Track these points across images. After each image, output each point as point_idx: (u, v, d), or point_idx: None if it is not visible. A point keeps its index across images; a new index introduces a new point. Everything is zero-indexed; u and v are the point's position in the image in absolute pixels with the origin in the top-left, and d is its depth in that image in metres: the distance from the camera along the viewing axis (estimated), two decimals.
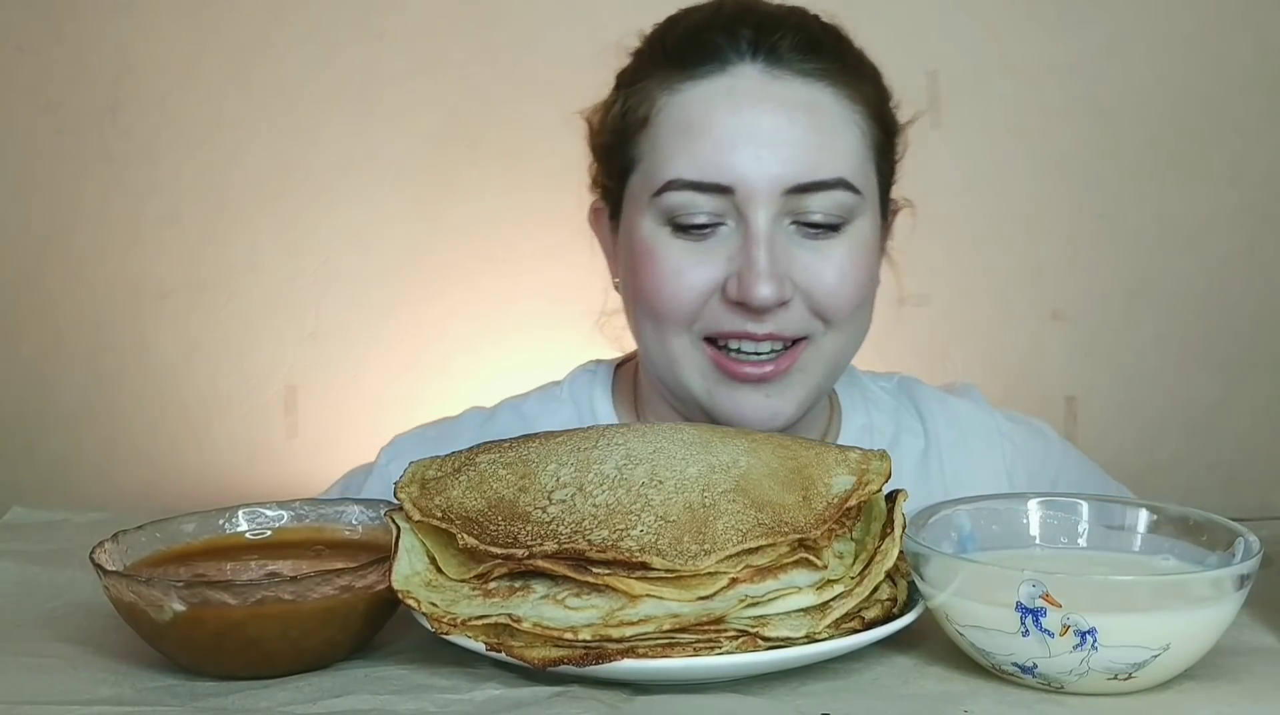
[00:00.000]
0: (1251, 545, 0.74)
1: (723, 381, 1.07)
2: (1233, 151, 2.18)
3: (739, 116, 1.04)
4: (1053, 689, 0.72)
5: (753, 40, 1.05)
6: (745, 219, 1.03)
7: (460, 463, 0.82)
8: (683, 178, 1.04)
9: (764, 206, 1.03)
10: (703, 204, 1.04)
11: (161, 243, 2.28)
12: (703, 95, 1.05)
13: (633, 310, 1.11)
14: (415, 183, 2.24)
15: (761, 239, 1.03)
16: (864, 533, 0.78)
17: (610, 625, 0.71)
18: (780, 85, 1.05)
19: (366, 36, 2.23)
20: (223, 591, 0.73)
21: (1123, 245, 2.20)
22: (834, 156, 1.05)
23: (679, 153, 1.04)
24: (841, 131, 1.06)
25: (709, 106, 1.04)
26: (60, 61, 2.25)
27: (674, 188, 1.04)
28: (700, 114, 1.05)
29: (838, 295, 1.06)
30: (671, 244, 1.06)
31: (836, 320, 1.07)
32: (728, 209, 1.04)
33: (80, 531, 1.00)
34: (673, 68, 1.07)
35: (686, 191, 1.04)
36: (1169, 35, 2.17)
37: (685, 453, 0.79)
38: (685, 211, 1.04)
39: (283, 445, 2.29)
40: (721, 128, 1.04)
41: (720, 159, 1.03)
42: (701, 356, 1.07)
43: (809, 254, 1.05)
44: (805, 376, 1.08)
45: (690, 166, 1.04)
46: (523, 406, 1.23)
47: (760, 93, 1.04)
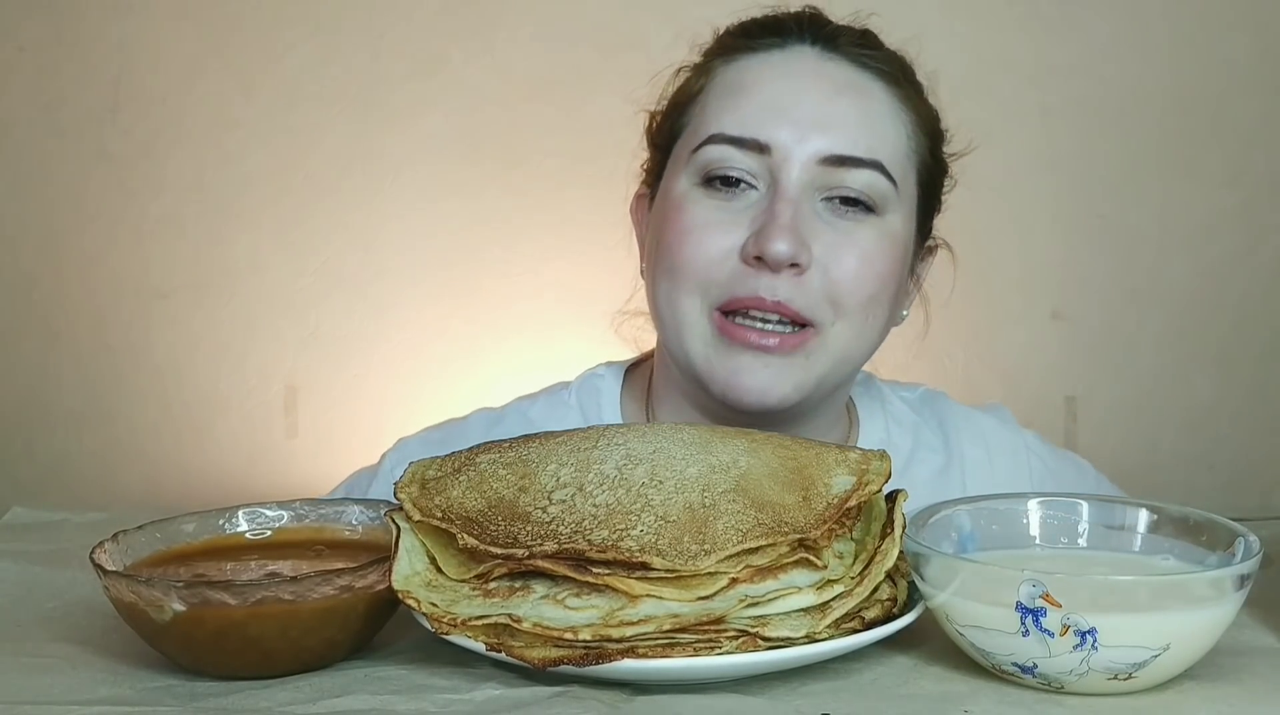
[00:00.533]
0: (1251, 545, 0.74)
1: (724, 348, 1.06)
2: (1233, 151, 2.18)
3: (788, 83, 1.07)
4: (1053, 689, 0.72)
5: (812, 28, 1.09)
6: (777, 181, 1.05)
7: (460, 463, 0.82)
8: (724, 132, 1.06)
9: (797, 172, 1.04)
10: (739, 160, 1.05)
11: (162, 243, 2.28)
12: (757, 62, 1.09)
13: (652, 271, 1.11)
14: (415, 183, 2.24)
15: (788, 198, 1.04)
16: (864, 533, 0.78)
17: (610, 625, 0.71)
18: (833, 66, 1.08)
19: (366, 36, 2.23)
20: (223, 591, 0.73)
21: (1122, 245, 2.20)
22: (874, 139, 1.07)
23: (725, 110, 1.07)
24: (887, 121, 1.08)
25: (761, 72, 1.08)
26: (61, 61, 2.25)
27: (714, 141, 1.06)
28: (752, 78, 1.08)
29: (855, 278, 1.05)
30: (701, 201, 1.07)
31: (848, 308, 1.06)
32: (762, 171, 1.05)
33: (80, 531, 1.00)
34: (734, 40, 1.11)
35: (725, 145, 1.06)
36: (1169, 35, 2.17)
37: (685, 453, 0.79)
38: (719, 165, 1.06)
39: (283, 445, 2.29)
40: (769, 91, 1.07)
41: (762, 118, 1.06)
42: (708, 323, 1.06)
43: (833, 232, 1.05)
44: (809, 362, 1.06)
45: (733, 122, 1.06)
46: (530, 411, 1.22)
47: (813, 68, 1.08)
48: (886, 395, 1.24)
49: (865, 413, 1.21)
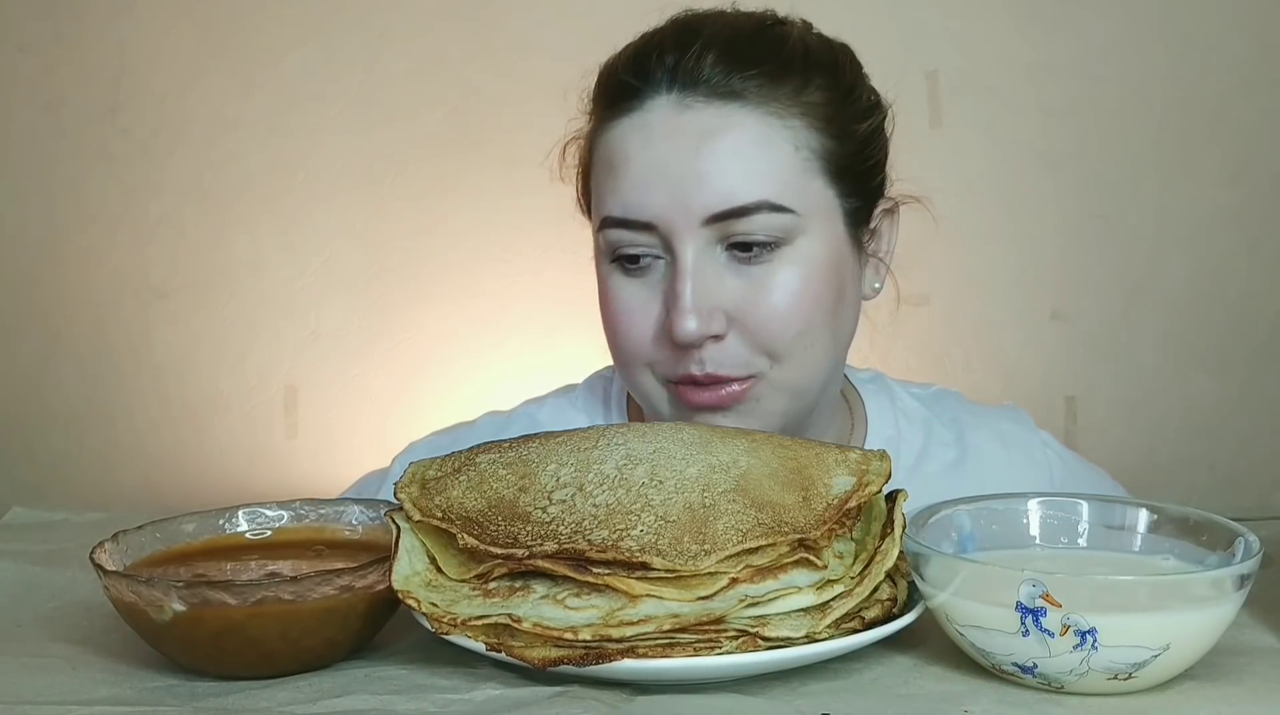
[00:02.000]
0: (1251, 545, 0.74)
1: (688, 411, 1.06)
2: (1233, 151, 2.18)
3: (651, 151, 1.03)
4: (1053, 689, 0.72)
5: (669, 68, 1.04)
6: (673, 253, 1.03)
7: (460, 463, 0.82)
8: (611, 215, 1.05)
9: (688, 239, 1.02)
10: (635, 239, 1.04)
11: (161, 243, 2.28)
12: (621, 133, 1.05)
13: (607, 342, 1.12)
14: (415, 183, 2.24)
15: (687, 272, 1.02)
16: (864, 533, 0.78)
17: (610, 625, 0.71)
18: (692, 115, 1.02)
19: (366, 36, 2.23)
20: (223, 591, 0.73)
21: (1122, 245, 2.20)
22: (753, 180, 1.02)
23: (606, 192, 1.06)
24: (763, 153, 1.03)
25: (625, 144, 1.04)
26: (61, 61, 2.25)
27: (607, 225, 1.05)
28: (619, 152, 1.05)
29: (775, 324, 1.03)
30: (618, 282, 1.07)
31: (780, 352, 1.04)
32: (658, 243, 1.04)
33: (80, 531, 1.00)
34: (605, 106, 1.08)
35: (617, 229, 1.05)
36: (1169, 35, 2.17)
37: (685, 453, 0.79)
38: (620, 246, 1.05)
39: (283, 445, 2.30)
40: (636, 165, 1.03)
41: (638, 196, 1.03)
42: (664, 392, 1.07)
43: (743, 282, 1.03)
44: (764, 406, 1.05)
45: (615, 203, 1.04)
46: (538, 414, 1.22)
47: (671, 125, 1.03)
48: (896, 392, 1.23)
49: (874, 409, 1.21)
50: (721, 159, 1.01)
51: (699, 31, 1.05)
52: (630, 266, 1.05)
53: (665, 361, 1.05)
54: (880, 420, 1.20)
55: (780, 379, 1.05)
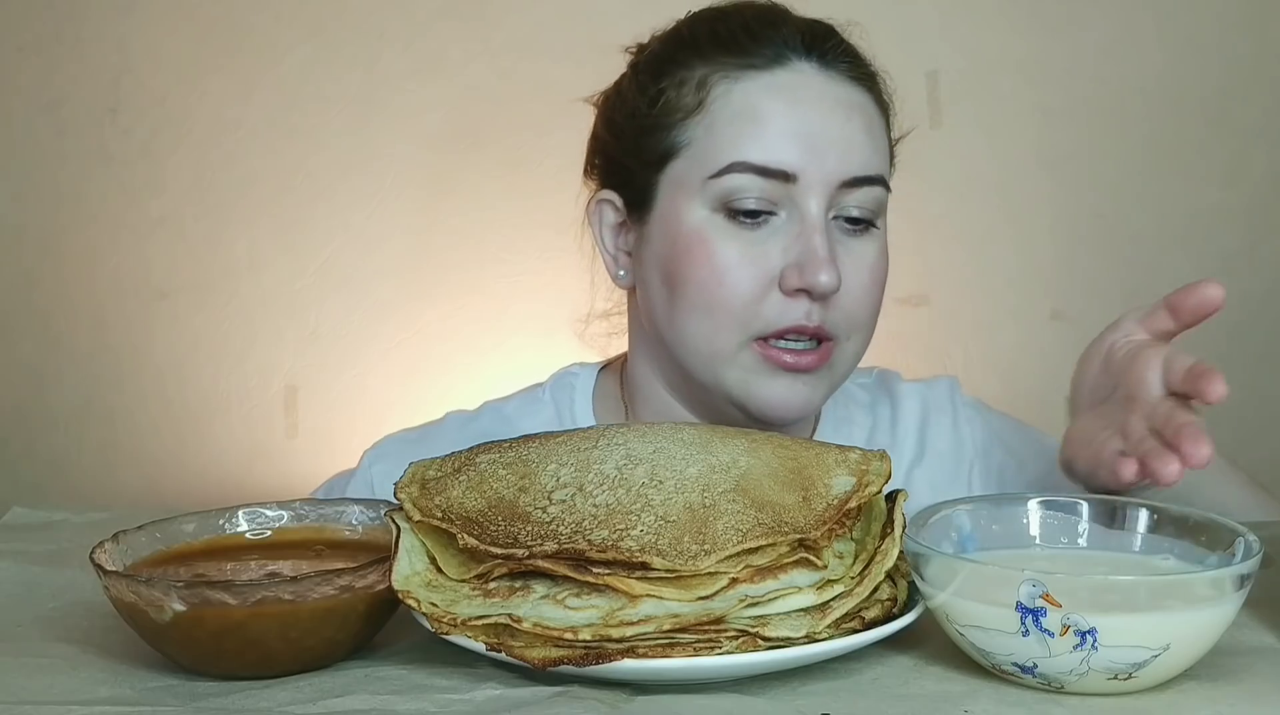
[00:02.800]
0: (1251, 545, 0.74)
1: (765, 372, 1.09)
2: (1233, 151, 2.18)
3: (803, 109, 1.08)
4: (1053, 689, 0.72)
5: (805, 41, 1.10)
6: (801, 209, 1.07)
7: (460, 463, 0.82)
8: (748, 160, 1.06)
9: (819, 197, 1.07)
10: (761, 189, 1.06)
11: (161, 243, 2.28)
12: (765, 85, 1.08)
13: (674, 303, 1.10)
14: (415, 183, 2.24)
15: (820, 228, 1.07)
16: (864, 533, 0.78)
17: (610, 625, 0.71)
18: (835, 85, 1.10)
19: (366, 36, 2.23)
20: (223, 591, 0.73)
21: (1122, 245, 2.21)
22: (877, 155, 1.11)
23: (743, 137, 1.07)
24: (880, 132, 1.12)
25: (773, 97, 1.08)
26: (61, 61, 2.25)
27: (737, 169, 1.06)
28: (765, 103, 1.08)
29: (868, 295, 1.11)
30: (726, 233, 1.07)
31: (863, 322, 1.11)
32: (782, 199, 1.07)
33: (80, 531, 1.00)
34: (731, 55, 1.10)
35: (749, 174, 1.06)
36: (1168, 35, 2.17)
37: (685, 453, 0.79)
38: (742, 195, 1.07)
39: (283, 445, 2.30)
40: (786, 118, 1.07)
41: (784, 146, 1.06)
42: (749, 354, 1.09)
43: (847, 253, 1.09)
44: (830, 373, 1.12)
45: (756, 150, 1.06)
46: (504, 408, 1.24)
47: (820, 90, 1.09)
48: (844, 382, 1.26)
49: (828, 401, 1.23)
50: (861, 132, 1.09)
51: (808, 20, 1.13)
52: (745, 219, 1.07)
53: (768, 313, 1.07)
54: (833, 411, 1.23)
55: (850, 349, 1.12)
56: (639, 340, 1.20)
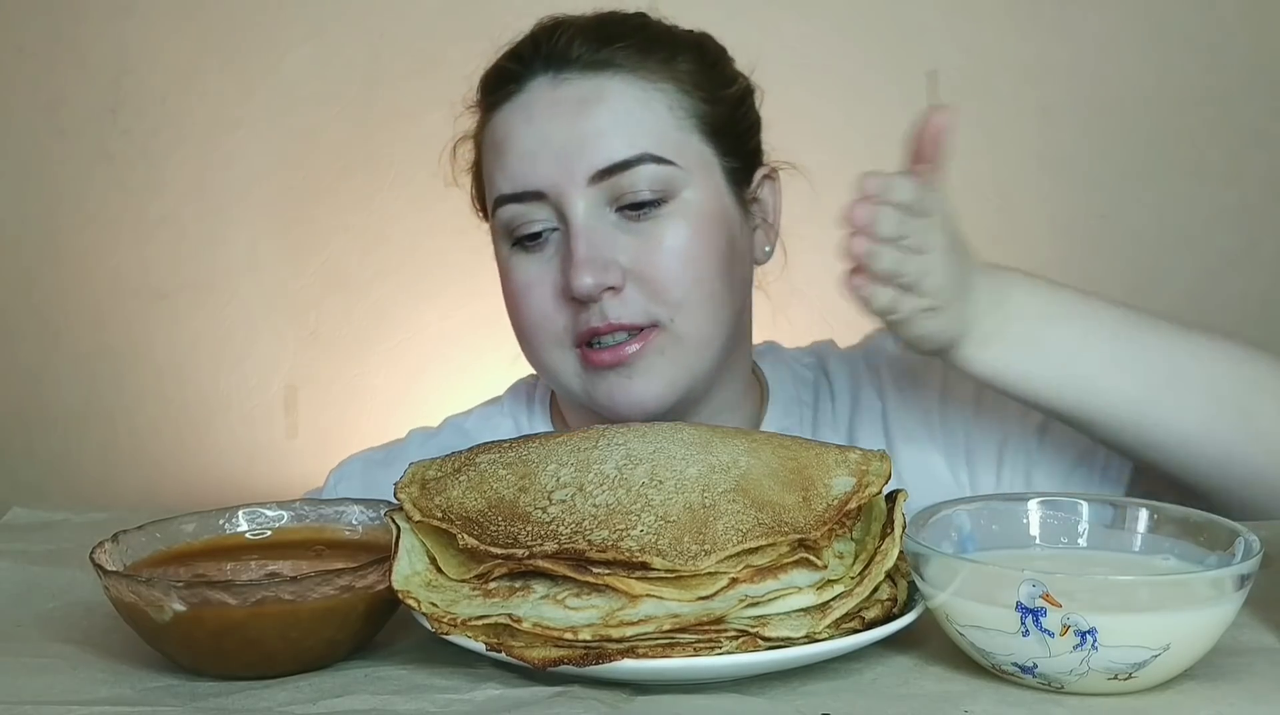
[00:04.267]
0: (1251, 545, 0.74)
1: (593, 374, 1.10)
2: (1233, 151, 2.18)
3: (534, 126, 1.10)
4: (1053, 689, 0.72)
5: (542, 52, 1.12)
6: (564, 216, 1.08)
7: (460, 463, 0.82)
8: (502, 192, 1.11)
9: (578, 199, 1.08)
10: (528, 212, 1.10)
11: (161, 243, 2.28)
12: (505, 117, 1.12)
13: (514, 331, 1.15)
14: (415, 183, 2.23)
15: (579, 231, 1.07)
16: (864, 533, 0.78)
17: (610, 625, 0.71)
18: (568, 87, 1.10)
19: (367, 36, 2.23)
20: (223, 591, 0.73)
21: (1122, 245, 2.20)
22: (633, 136, 1.08)
23: (496, 171, 1.12)
24: (639, 112, 1.09)
25: (510, 124, 1.11)
26: (61, 62, 2.25)
27: (500, 203, 1.11)
28: (504, 133, 1.11)
29: (671, 273, 1.08)
30: (518, 261, 1.11)
31: (678, 299, 1.08)
32: (551, 214, 1.09)
33: (80, 531, 1.00)
34: (486, 94, 1.16)
35: (509, 205, 1.10)
36: (1169, 35, 2.17)
37: (685, 453, 0.79)
38: (516, 223, 1.10)
39: (283, 445, 2.30)
40: (521, 140, 1.10)
41: (525, 167, 1.09)
42: (573, 360, 1.11)
43: (635, 238, 1.08)
44: (666, 360, 1.09)
45: (505, 181, 1.10)
46: (464, 423, 1.26)
47: (549, 99, 1.10)
48: (788, 359, 1.27)
49: (774, 380, 1.24)
50: (600, 120, 1.08)
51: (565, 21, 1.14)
52: (529, 244, 1.10)
53: (568, 325, 1.09)
54: (780, 387, 1.23)
55: (682, 328, 1.09)
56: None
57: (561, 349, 1.11)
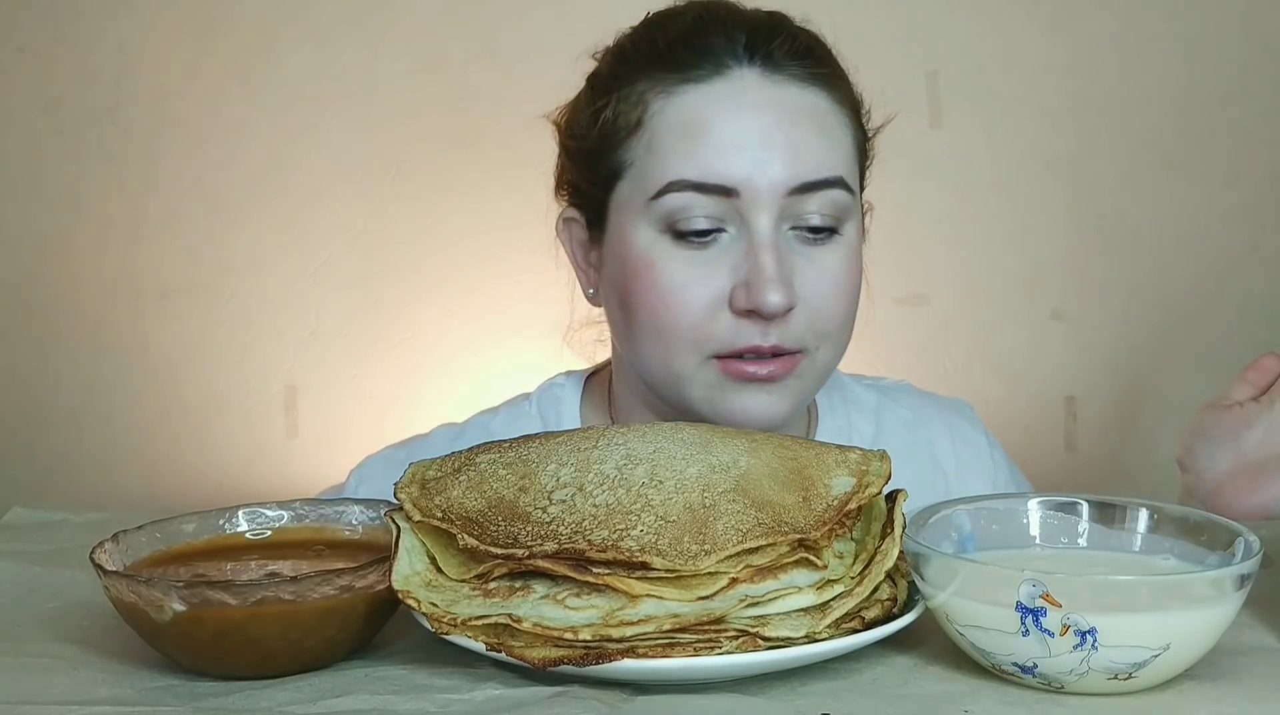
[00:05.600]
0: (1251, 545, 0.74)
1: (728, 387, 1.06)
2: (1233, 151, 2.18)
3: (742, 119, 1.03)
4: (1053, 689, 0.72)
5: (749, 45, 1.05)
6: (748, 224, 1.03)
7: (460, 463, 0.82)
8: (686, 178, 1.03)
9: (767, 210, 1.03)
10: (705, 207, 1.03)
11: (161, 243, 2.28)
12: (703, 98, 1.04)
13: (629, 325, 1.09)
14: (415, 183, 2.24)
15: (768, 244, 1.02)
16: (864, 533, 0.78)
17: (610, 625, 0.71)
18: (780, 90, 1.05)
19: (366, 36, 2.23)
20: (223, 591, 0.73)
21: (1122, 245, 2.20)
22: (832, 157, 1.05)
23: (680, 154, 1.03)
24: (838, 133, 1.07)
25: (710, 109, 1.04)
26: (61, 62, 2.25)
27: (675, 188, 1.03)
28: (701, 116, 1.03)
29: (834, 306, 1.06)
30: (673, 254, 1.04)
31: (830, 332, 1.07)
32: (729, 214, 1.03)
33: (80, 531, 1.00)
34: (667, 70, 1.06)
35: (689, 192, 1.03)
36: (1169, 35, 2.17)
37: (685, 453, 0.79)
38: (686, 215, 1.03)
39: (283, 445, 2.29)
40: (724, 130, 1.03)
41: (724, 160, 1.02)
42: (709, 371, 1.06)
43: (806, 262, 1.05)
44: (800, 382, 1.08)
45: (693, 167, 1.03)
46: (491, 423, 1.22)
47: (761, 97, 1.04)
48: (846, 384, 1.25)
49: (825, 404, 1.22)
50: (809, 134, 1.04)
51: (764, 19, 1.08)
52: (694, 239, 1.04)
53: (722, 335, 1.04)
54: (830, 414, 1.22)
55: (822, 359, 1.08)
56: (615, 354, 1.19)
57: (700, 356, 1.05)
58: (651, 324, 1.06)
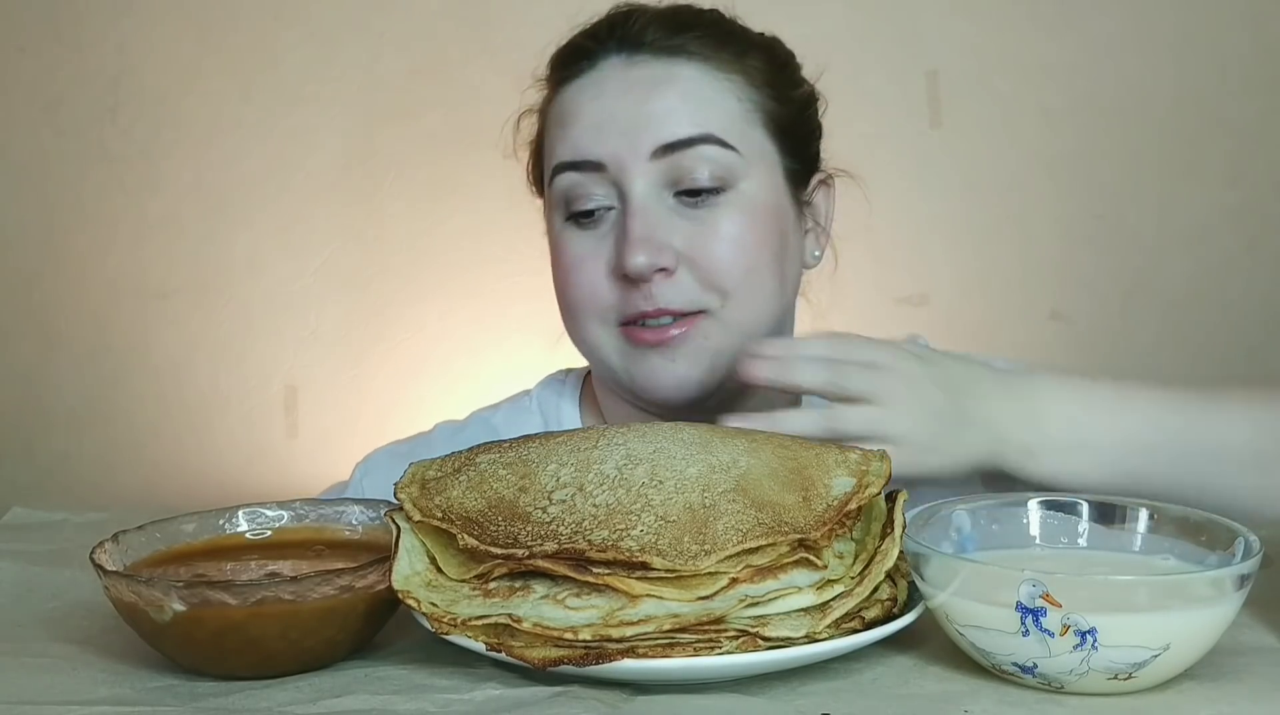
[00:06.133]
0: (1251, 545, 0.74)
1: (635, 354, 1.10)
2: (1232, 151, 2.18)
3: (604, 101, 1.10)
4: (1053, 689, 0.72)
5: (617, 34, 1.12)
6: (623, 192, 1.08)
7: (460, 463, 0.82)
8: (563, 159, 1.10)
9: (638, 176, 1.08)
10: (586, 185, 1.09)
11: (161, 243, 2.28)
12: (574, 90, 1.12)
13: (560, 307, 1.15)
14: (415, 183, 2.24)
15: (636, 209, 1.07)
16: (864, 533, 0.78)
17: (610, 625, 0.71)
18: (640, 68, 1.11)
19: (366, 36, 2.23)
20: (223, 591, 0.73)
21: (1121, 245, 2.21)
22: (699, 116, 1.08)
23: (558, 140, 1.12)
24: (708, 95, 1.10)
25: (579, 98, 1.11)
26: (61, 62, 2.25)
27: (558, 172, 1.11)
28: (572, 106, 1.12)
29: (724, 260, 1.08)
30: (571, 235, 1.11)
31: (729, 288, 1.08)
32: (610, 191, 1.09)
33: (80, 531, 1.00)
34: (557, 70, 1.16)
35: (567, 173, 1.10)
36: (1169, 35, 2.17)
37: (685, 453, 0.79)
38: (573, 195, 1.10)
39: (283, 445, 2.30)
40: (589, 112, 1.10)
41: (588, 138, 1.09)
42: (615, 338, 1.11)
43: (691, 223, 1.08)
44: (710, 346, 1.09)
45: (567, 149, 1.10)
46: (492, 418, 1.25)
47: (622, 77, 1.10)
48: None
49: None
50: (669, 100, 1.09)
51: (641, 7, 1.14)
52: (584, 220, 1.10)
53: (616, 304, 1.09)
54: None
55: (730, 317, 1.09)
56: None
57: (605, 326, 1.11)
58: (563, 301, 1.13)
